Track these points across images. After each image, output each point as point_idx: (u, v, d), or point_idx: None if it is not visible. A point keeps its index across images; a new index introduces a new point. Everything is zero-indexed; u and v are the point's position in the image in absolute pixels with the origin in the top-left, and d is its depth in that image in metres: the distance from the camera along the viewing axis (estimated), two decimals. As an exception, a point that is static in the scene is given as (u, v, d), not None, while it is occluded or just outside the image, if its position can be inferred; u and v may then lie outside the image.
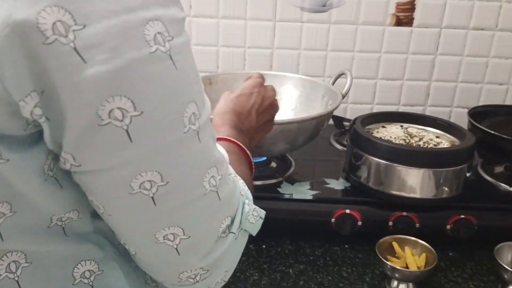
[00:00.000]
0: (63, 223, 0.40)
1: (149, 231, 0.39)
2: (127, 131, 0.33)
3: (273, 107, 0.71)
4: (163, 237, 0.39)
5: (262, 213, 0.48)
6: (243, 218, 0.45)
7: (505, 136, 0.94)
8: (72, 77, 0.31)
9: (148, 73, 0.33)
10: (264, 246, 0.90)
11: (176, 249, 0.40)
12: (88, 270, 0.42)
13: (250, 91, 0.68)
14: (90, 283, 0.43)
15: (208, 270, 0.42)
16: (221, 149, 0.45)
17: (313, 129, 0.91)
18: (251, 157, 0.59)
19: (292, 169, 1.00)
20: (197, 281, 0.43)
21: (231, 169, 0.46)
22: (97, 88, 0.32)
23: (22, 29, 0.29)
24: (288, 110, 1.08)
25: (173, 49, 0.35)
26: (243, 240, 0.46)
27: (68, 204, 0.39)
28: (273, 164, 1.02)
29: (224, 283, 0.46)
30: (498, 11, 1.20)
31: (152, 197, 0.36)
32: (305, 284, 0.81)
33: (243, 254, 0.85)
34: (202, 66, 1.25)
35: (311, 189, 0.92)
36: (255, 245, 0.90)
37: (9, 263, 0.38)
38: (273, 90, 0.73)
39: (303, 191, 0.91)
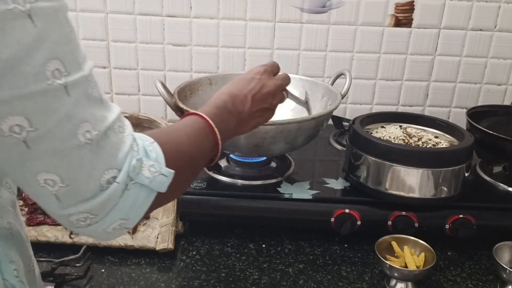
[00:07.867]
0: None
1: (29, 170, 0.42)
2: None
3: (272, 95, 0.71)
4: (44, 180, 0.42)
5: (166, 170, 0.49)
6: (131, 171, 0.46)
7: (503, 136, 0.94)
8: None
9: (4, 25, 0.37)
10: (264, 246, 0.91)
11: (56, 195, 0.43)
12: None
13: (252, 77, 0.70)
14: None
15: (96, 215, 0.45)
16: (112, 113, 0.47)
17: (313, 129, 0.91)
18: (217, 135, 0.60)
19: (291, 169, 1.00)
20: (89, 224, 0.45)
21: (128, 129, 0.48)
22: None
23: None
24: (288, 110, 1.09)
25: (34, 10, 0.38)
26: (139, 193, 0.47)
27: None
28: (273, 164, 1.02)
29: (126, 230, 0.48)
30: (496, 12, 1.21)
31: (24, 141, 0.40)
32: (304, 283, 0.81)
33: (243, 253, 0.87)
34: (202, 67, 1.26)
35: (311, 188, 0.93)
36: (255, 244, 0.91)
37: None
38: (283, 79, 0.73)
39: (302, 191, 0.91)
